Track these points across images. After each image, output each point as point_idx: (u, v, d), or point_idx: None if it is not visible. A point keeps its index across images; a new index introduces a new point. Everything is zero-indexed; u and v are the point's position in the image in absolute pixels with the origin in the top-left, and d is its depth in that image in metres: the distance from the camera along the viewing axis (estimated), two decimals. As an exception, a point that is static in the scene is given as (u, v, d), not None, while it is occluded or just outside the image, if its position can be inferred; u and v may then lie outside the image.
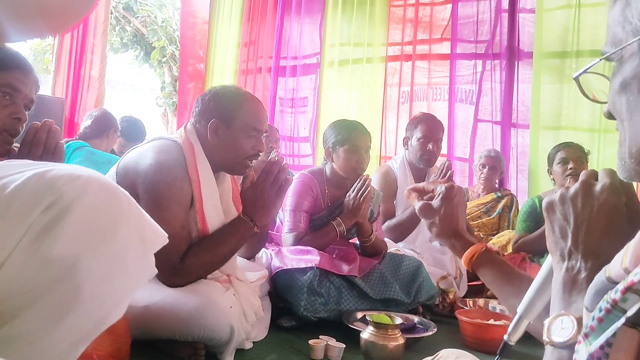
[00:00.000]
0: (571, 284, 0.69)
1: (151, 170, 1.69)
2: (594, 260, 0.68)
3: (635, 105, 0.60)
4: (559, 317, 0.67)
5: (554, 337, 0.66)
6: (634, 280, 0.49)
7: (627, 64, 0.61)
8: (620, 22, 0.62)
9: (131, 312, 1.57)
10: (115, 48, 8.32)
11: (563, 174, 2.92)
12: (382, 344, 1.80)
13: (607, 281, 0.56)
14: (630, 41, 0.60)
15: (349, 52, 4.98)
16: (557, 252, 0.72)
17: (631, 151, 0.61)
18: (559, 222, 0.73)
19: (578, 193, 0.71)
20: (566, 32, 4.04)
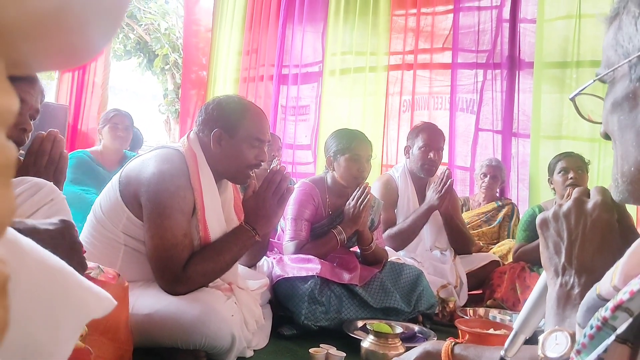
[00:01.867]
0: (565, 299, 0.71)
1: (154, 179, 1.71)
2: (587, 276, 0.69)
3: (626, 124, 0.62)
4: (553, 333, 0.68)
5: (548, 353, 0.67)
6: (622, 299, 0.51)
7: (618, 84, 0.63)
8: (613, 45, 0.64)
9: (134, 320, 1.60)
10: (118, 55, 8.36)
11: (563, 183, 2.93)
12: (382, 353, 1.81)
13: (598, 298, 0.57)
14: (621, 63, 0.62)
15: (350, 60, 5.01)
16: (551, 267, 0.74)
17: (622, 170, 0.63)
18: (552, 238, 0.74)
19: (571, 210, 0.73)
20: (567, 42, 4.06)
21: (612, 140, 0.66)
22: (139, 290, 1.72)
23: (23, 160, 1.50)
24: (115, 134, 3.52)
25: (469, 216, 3.85)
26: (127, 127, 3.59)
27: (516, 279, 2.91)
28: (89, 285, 0.70)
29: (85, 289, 0.67)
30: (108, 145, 3.53)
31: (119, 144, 3.53)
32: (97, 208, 1.83)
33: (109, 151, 3.52)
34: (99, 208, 1.82)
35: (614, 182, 0.65)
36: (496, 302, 2.90)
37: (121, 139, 3.55)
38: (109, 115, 3.61)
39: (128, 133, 3.61)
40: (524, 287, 2.85)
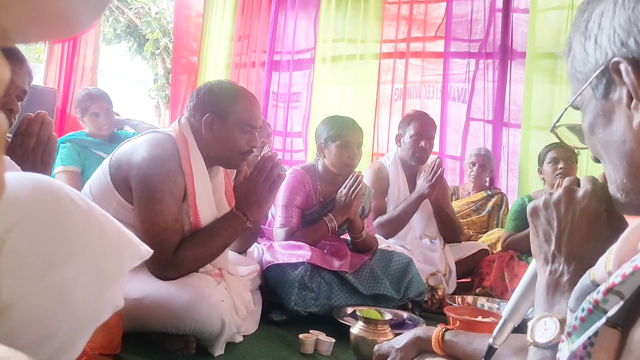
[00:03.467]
0: (554, 286, 0.72)
1: (144, 163, 1.69)
2: (576, 264, 0.71)
3: (605, 140, 0.64)
4: (542, 319, 0.69)
5: (537, 338, 0.68)
6: (615, 282, 0.51)
7: (588, 107, 0.66)
8: (574, 74, 0.68)
9: (123, 304, 1.59)
10: (108, 39, 8.25)
11: (553, 173, 2.95)
12: (371, 339, 1.82)
13: (592, 284, 0.58)
14: (583, 87, 0.65)
15: (342, 48, 4.98)
16: (541, 255, 0.75)
17: (617, 184, 0.64)
18: (542, 226, 0.75)
19: (561, 199, 0.74)
20: (559, 33, 4.07)
21: (602, 160, 0.67)
22: (129, 275, 1.69)
23: (10, 142, 1.48)
24: (98, 124, 3.37)
25: (458, 205, 3.87)
26: (107, 110, 3.40)
27: (505, 267, 2.93)
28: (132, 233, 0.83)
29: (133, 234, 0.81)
30: (94, 133, 3.40)
31: (105, 131, 3.40)
32: (87, 192, 1.82)
33: (97, 137, 3.44)
34: (89, 192, 1.81)
35: (614, 198, 0.67)
36: (485, 290, 2.92)
37: (107, 126, 3.40)
38: (84, 105, 3.38)
39: (111, 116, 3.42)
40: (513, 276, 2.88)
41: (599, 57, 0.62)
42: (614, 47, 0.59)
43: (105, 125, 3.40)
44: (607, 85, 0.61)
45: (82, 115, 3.41)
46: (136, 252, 0.76)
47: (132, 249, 0.76)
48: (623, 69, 0.57)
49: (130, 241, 0.74)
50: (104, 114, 3.39)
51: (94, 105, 3.38)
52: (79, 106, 3.44)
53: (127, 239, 0.74)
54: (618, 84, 0.59)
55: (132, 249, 0.76)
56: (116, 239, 0.70)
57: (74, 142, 3.36)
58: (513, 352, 0.95)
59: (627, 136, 0.60)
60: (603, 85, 0.62)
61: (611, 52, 0.60)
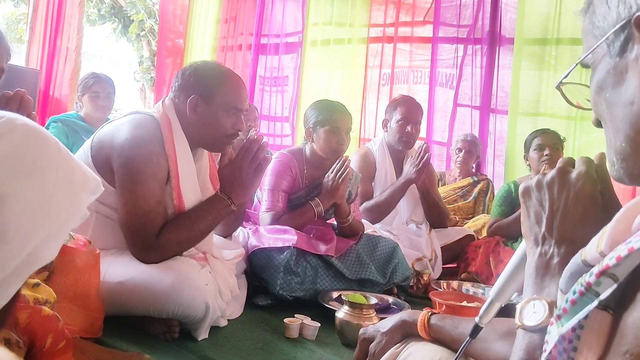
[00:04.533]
0: (544, 269, 0.70)
1: (127, 144, 1.66)
2: (567, 246, 0.69)
3: (612, 101, 0.61)
4: (531, 302, 0.68)
5: (525, 321, 0.67)
6: (609, 264, 0.50)
7: (600, 65, 0.63)
8: (590, 29, 0.65)
9: (105, 288, 1.57)
10: (92, 20, 8.11)
11: (539, 160, 2.95)
12: (356, 324, 1.82)
13: (583, 264, 0.56)
14: (599, 42, 0.62)
15: (331, 32, 4.94)
16: (532, 237, 0.74)
17: (615, 148, 0.62)
18: (534, 207, 0.74)
19: (554, 179, 0.72)
20: (547, 19, 4.06)
21: (603, 122, 0.65)
22: (111, 258, 1.68)
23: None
24: (96, 104, 3.36)
25: (444, 191, 3.88)
26: (109, 94, 3.41)
27: (490, 253, 2.95)
28: None
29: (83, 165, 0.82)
30: (90, 114, 3.37)
31: (101, 113, 3.37)
32: (67, 174, 1.78)
33: (92, 119, 3.37)
34: (70, 174, 1.77)
35: (610, 162, 0.65)
36: (470, 275, 2.94)
37: (103, 108, 3.39)
38: (88, 82, 3.40)
39: (110, 101, 3.43)
40: (498, 262, 2.89)
41: (621, 11, 0.59)
42: (639, 2, 0.57)
43: (103, 107, 3.39)
44: (624, 42, 0.59)
45: (83, 94, 3.40)
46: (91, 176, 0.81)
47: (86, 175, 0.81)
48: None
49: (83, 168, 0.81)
50: (105, 95, 3.39)
51: (97, 85, 3.38)
52: (81, 84, 3.45)
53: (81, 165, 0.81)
54: (637, 41, 0.57)
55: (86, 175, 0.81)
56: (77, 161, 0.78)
57: (65, 124, 3.30)
58: (500, 337, 0.95)
59: (636, 97, 0.58)
60: (621, 41, 0.60)
61: (636, 6, 0.58)
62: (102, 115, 3.38)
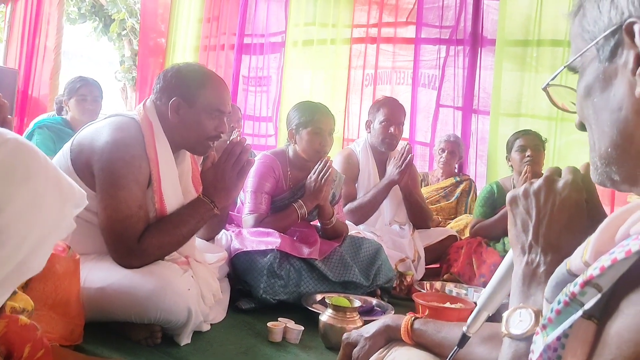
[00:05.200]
0: (530, 277, 0.71)
1: (107, 147, 1.64)
2: (553, 255, 0.69)
3: (600, 106, 0.61)
4: (517, 310, 0.68)
5: (511, 330, 0.67)
6: (593, 275, 0.50)
7: (588, 69, 0.63)
8: (580, 33, 0.65)
9: (85, 294, 1.55)
10: (72, 19, 8.00)
11: (521, 161, 2.98)
12: (340, 327, 1.82)
13: (568, 274, 0.57)
14: (588, 46, 0.62)
15: (313, 32, 4.93)
16: (518, 245, 0.74)
17: (600, 152, 0.62)
18: (521, 215, 0.74)
19: (541, 188, 0.72)
20: (528, 20, 4.10)
21: (587, 126, 0.65)
22: (92, 263, 1.66)
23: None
24: (83, 107, 3.31)
25: (427, 191, 3.89)
26: (96, 98, 3.37)
27: (473, 253, 2.96)
28: None
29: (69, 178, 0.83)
30: (76, 118, 3.32)
31: (87, 118, 3.29)
32: (46, 177, 1.75)
33: (78, 124, 3.31)
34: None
35: (593, 166, 0.65)
36: (453, 276, 2.95)
37: (90, 112, 3.33)
38: (75, 85, 3.36)
39: (97, 105, 3.39)
40: (480, 262, 2.91)
41: (613, 16, 0.59)
42: (631, 7, 0.57)
43: (90, 110, 3.33)
44: (614, 47, 0.59)
45: (69, 98, 3.36)
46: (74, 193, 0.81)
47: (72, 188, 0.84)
48: (637, 30, 0.55)
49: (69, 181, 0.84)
50: (92, 99, 3.35)
51: (84, 89, 3.35)
52: (67, 87, 3.40)
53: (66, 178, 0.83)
54: (627, 47, 0.57)
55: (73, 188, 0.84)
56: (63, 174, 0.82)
57: (51, 130, 3.25)
58: (482, 341, 0.95)
59: (624, 104, 0.58)
60: (610, 46, 0.60)
61: (627, 12, 0.57)
62: (89, 120, 3.30)
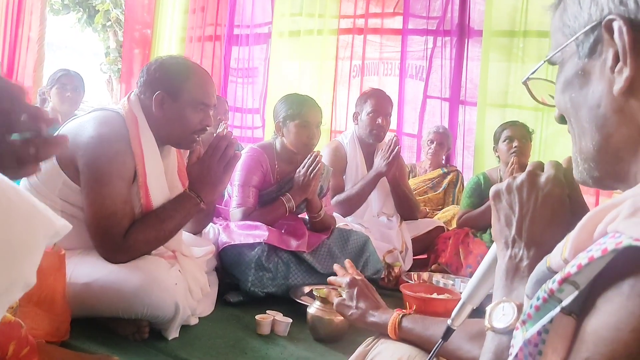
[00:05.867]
0: (513, 271, 0.71)
1: (92, 143, 1.62)
2: (536, 249, 0.70)
3: (578, 101, 0.62)
4: (500, 304, 0.69)
5: (494, 323, 0.68)
6: (570, 272, 0.51)
7: (567, 63, 0.64)
8: (560, 27, 0.65)
9: (71, 290, 1.54)
10: (55, 10, 7.89)
11: (508, 151, 3.00)
12: (328, 319, 1.82)
13: (548, 271, 0.57)
14: (568, 41, 0.62)
15: (300, 23, 4.91)
16: (502, 239, 0.74)
17: (580, 148, 0.63)
18: (504, 210, 0.75)
19: (524, 183, 0.73)
20: (515, 11, 4.11)
21: (567, 120, 0.66)
22: (77, 258, 1.65)
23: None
24: (63, 95, 3.37)
25: (415, 182, 3.91)
26: (76, 87, 3.44)
27: (460, 244, 2.98)
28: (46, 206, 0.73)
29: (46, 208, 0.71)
30: (56, 108, 3.37)
31: (67, 106, 3.37)
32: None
33: (58, 114, 3.33)
34: (32, 172, 1.72)
35: (574, 162, 0.66)
36: (440, 266, 2.97)
37: (70, 100, 3.40)
38: (56, 75, 3.44)
39: (77, 94, 3.45)
40: (467, 253, 2.93)
41: (593, 13, 0.59)
42: (611, 4, 0.57)
43: (69, 99, 3.39)
44: (594, 43, 0.59)
45: (51, 87, 3.42)
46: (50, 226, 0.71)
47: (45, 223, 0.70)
48: (617, 27, 0.55)
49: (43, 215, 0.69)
50: (72, 88, 3.41)
51: (65, 78, 3.41)
52: (50, 77, 3.48)
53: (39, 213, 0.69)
54: (606, 44, 0.58)
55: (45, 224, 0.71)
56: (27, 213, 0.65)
57: None
58: (470, 338, 0.96)
59: (603, 101, 0.58)
60: (590, 43, 0.60)
61: (607, 9, 0.58)
62: (68, 109, 3.36)
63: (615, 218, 0.50)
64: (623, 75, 0.55)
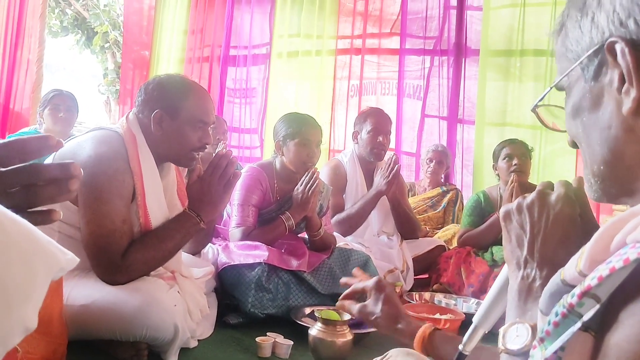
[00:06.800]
0: (526, 292, 0.70)
1: (90, 162, 1.60)
2: (549, 269, 0.69)
3: (589, 124, 0.62)
4: (514, 325, 0.67)
5: (508, 345, 0.66)
6: (590, 285, 0.49)
7: (574, 88, 0.64)
8: (563, 53, 0.65)
9: (68, 312, 1.51)
10: (54, 32, 7.94)
11: (508, 169, 2.98)
12: (330, 341, 1.79)
13: (562, 284, 0.56)
14: (572, 66, 0.62)
15: (298, 43, 4.94)
16: (513, 260, 0.73)
17: (593, 170, 0.63)
18: (515, 230, 0.74)
19: (534, 202, 0.72)
20: (511, 30, 4.14)
21: (579, 144, 0.66)
22: (75, 280, 1.62)
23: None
24: (56, 116, 3.33)
25: (414, 201, 3.89)
26: (70, 107, 3.40)
27: (462, 263, 2.95)
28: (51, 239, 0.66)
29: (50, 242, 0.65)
30: (50, 129, 3.32)
31: (60, 127, 3.33)
32: (27, 193, 1.70)
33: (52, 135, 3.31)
34: (30, 193, 1.69)
35: (587, 183, 0.65)
36: (442, 286, 2.94)
37: (63, 121, 3.35)
38: (48, 96, 3.40)
39: (71, 115, 3.41)
40: (469, 272, 2.90)
41: (594, 36, 0.59)
42: (612, 27, 0.57)
43: (63, 119, 3.36)
44: (598, 66, 0.59)
45: (43, 108, 3.38)
46: (53, 263, 0.66)
47: (47, 260, 0.66)
48: (619, 49, 0.55)
49: (45, 251, 0.64)
50: (65, 108, 3.38)
51: (57, 98, 3.38)
52: (43, 98, 3.45)
53: (41, 249, 0.64)
54: (611, 66, 0.57)
55: (48, 260, 0.66)
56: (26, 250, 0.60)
57: None
58: None
59: (613, 122, 0.58)
60: (594, 66, 0.60)
61: (608, 32, 0.57)
62: (62, 129, 3.33)
63: (634, 228, 0.48)
64: (630, 96, 0.55)
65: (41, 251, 0.67)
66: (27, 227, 0.65)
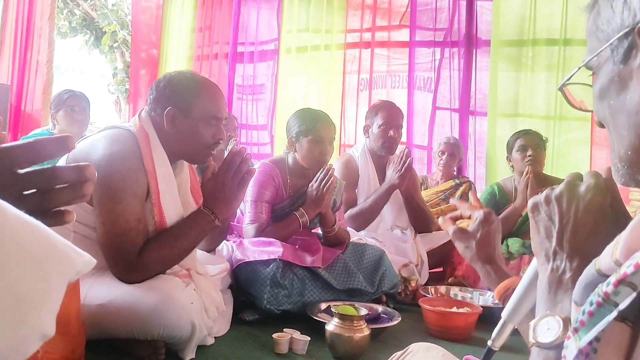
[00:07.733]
0: (557, 284, 0.69)
1: (104, 161, 1.60)
2: (579, 260, 0.67)
3: (616, 108, 0.60)
4: (544, 318, 0.66)
5: (539, 338, 0.65)
6: (627, 272, 0.47)
7: (602, 69, 0.62)
8: (594, 31, 0.64)
9: (86, 311, 1.51)
10: (63, 32, 7.96)
11: (522, 160, 2.96)
12: (347, 336, 1.78)
13: (597, 274, 0.54)
14: (603, 47, 0.61)
15: (307, 38, 4.91)
16: (542, 252, 0.72)
17: (620, 154, 0.61)
18: (543, 222, 0.72)
19: (563, 193, 0.70)
20: (523, 20, 4.09)
21: (606, 127, 0.64)
22: (91, 279, 1.62)
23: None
24: (72, 118, 3.30)
25: (427, 194, 3.86)
26: (84, 108, 3.38)
27: (477, 256, 2.92)
28: (67, 242, 0.64)
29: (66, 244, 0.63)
30: (65, 130, 3.27)
31: (77, 129, 3.30)
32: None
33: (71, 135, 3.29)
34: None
35: (614, 167, 0.64)
36: (457, 279, 2.92)
37: (79, 122, 3.33)
38: (62, 97, 3.34)
39: (86, 115, 3.39)
40: (485, 265, 2.87)
41: (625, 18, 0.58)
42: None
43: (79, 121, 3.33)
44: (628, 49, 0.58)
45: (57, 110, 3.34)
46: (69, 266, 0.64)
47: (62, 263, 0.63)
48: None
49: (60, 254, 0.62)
50: (80, 109, 3.35)
51: (72, 99, 3.34)
52: (55, 100, 3.39)
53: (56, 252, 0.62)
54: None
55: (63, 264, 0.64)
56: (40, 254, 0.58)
57: None
58: None
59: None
60: (624, 48, 0.58)
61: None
62: (78, 131, 3.30)
63: None
64: None
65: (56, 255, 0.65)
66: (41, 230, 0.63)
